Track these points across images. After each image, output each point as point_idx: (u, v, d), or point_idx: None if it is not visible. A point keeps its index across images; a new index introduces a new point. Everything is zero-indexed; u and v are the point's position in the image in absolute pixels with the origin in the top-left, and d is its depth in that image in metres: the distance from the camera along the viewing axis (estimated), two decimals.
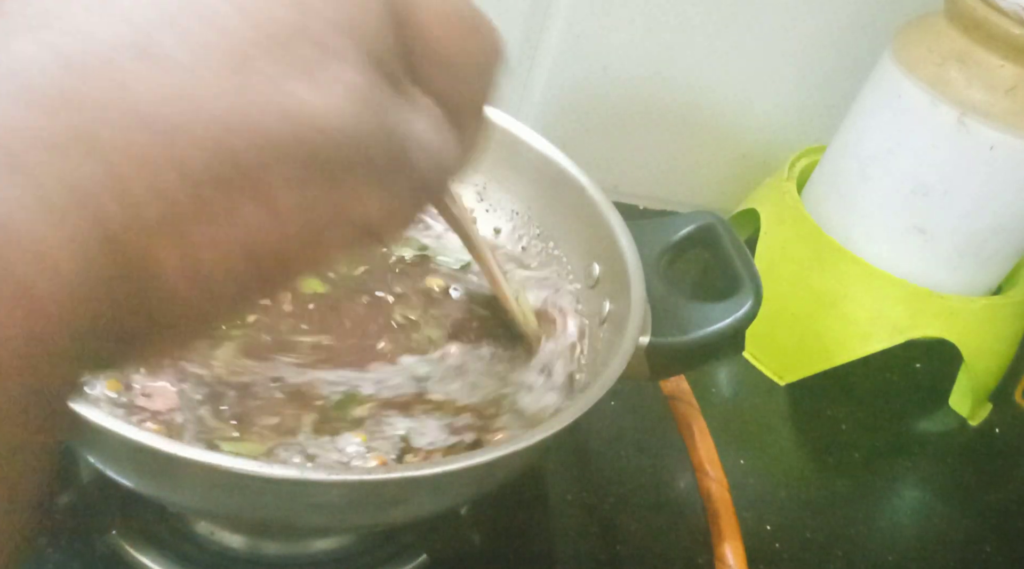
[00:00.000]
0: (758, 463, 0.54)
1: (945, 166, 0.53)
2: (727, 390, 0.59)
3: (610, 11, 0.61)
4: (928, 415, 0.61)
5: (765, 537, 0.49)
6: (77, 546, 0.39)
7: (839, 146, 0.59)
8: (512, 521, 0.45)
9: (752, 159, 0.69)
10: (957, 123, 0.51)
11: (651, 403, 0.53)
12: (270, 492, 0.29)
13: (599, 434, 0.52)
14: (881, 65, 0.56)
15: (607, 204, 0.43)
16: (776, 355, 0.60)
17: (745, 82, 0.65)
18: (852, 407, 0.59)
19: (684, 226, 0.43)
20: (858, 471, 0.55)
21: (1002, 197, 0.53)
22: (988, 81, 0.50)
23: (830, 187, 0.60)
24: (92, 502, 0.38)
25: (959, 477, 0.57)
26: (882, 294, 0.56)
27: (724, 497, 0.48)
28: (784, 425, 0.57)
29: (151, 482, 0.32)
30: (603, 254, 0.42)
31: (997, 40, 0.50)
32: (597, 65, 0.64)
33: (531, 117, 0.65)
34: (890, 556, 0.50)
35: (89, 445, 0.31)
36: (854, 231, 0.57)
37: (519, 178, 0.47)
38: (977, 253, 0.55)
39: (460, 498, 0.37)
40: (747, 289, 0.39)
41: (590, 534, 0.47)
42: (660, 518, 0.48)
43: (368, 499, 0.30)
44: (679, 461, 0.51)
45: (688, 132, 0.68)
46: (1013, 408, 0.63)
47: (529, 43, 0.62)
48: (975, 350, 0.57)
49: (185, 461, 0.27)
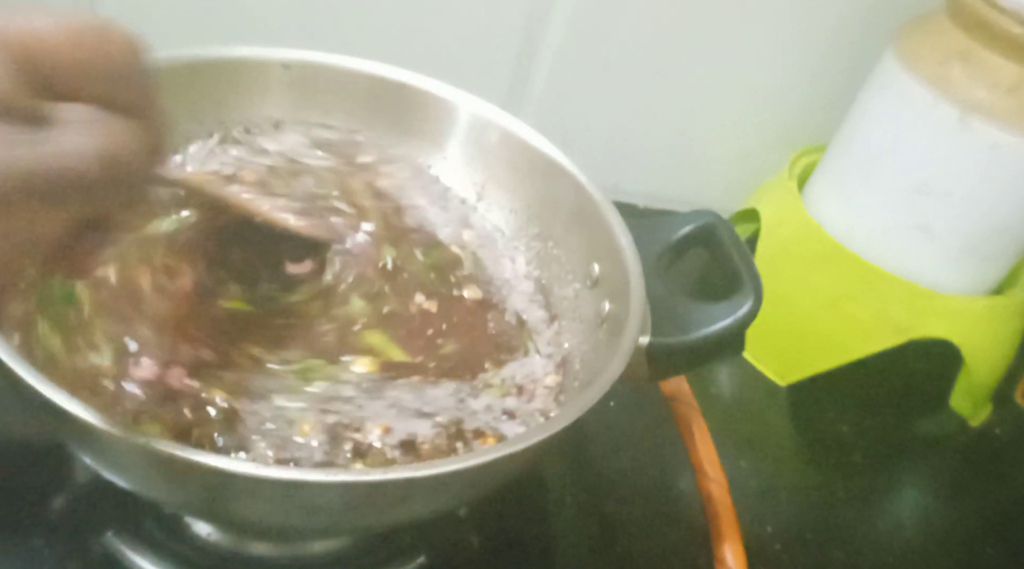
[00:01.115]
0: (758, 464, 0.53)
1: (947, 165, 0.53)
2: (727, 391, 0.59)
3: (610, 10, 0.61)
4: (929, 416, 0.61)
5: (765, 538, 0.49)
6: (73, 547, 0.39)
7: (840, 145, 0.59)
8: (512, 522, 0.45)
9: (753, 158, 0.69)
10: (959, 122, 0.51)
11: (651, 404, 0.53)
12: (267, 493, 0.29)
13: (599, 435, 0.52)
14: (883, 64, 0.56)
15: (607, 204, 0.43)
16: (777, 355, 0.60)
17: (745, 81, 0.65)
18: (853, 408, 0.59)
19: (684, 225, 0.43)
20: (858, 472, 0.55)
21: (1004, 196, 0.53)
22: (990, 80, 0.50)
23: (831, 186, 0.60)
24: (88, 503, 0.38)
25: (959, 478, 0.57)
26: (883, 294, 0.56)
27: (724, 498, 0.48)
28: (784, 426, 0.57)
29: (147, 483, 0.32)
30: (603, 254, 0.42)
31: (999, 39, 0.50)
32: (597, 64, 0.64)
33: (531, 117, 0.65)
34: (890, 557, 0.50)
35: (84, 446, 0.31)
36: (855, 230, 0.57)
37: (519, 178, 0.47)
38: (978, 252, 0.55)
39: (459, 499, 0.37)
40: (747, 289, 0.39)
41: (590, 535, 0.47)
42: (660, 519, 0.48)
43: (366, 500, 0.30)
44: (679, 462, 0.51)
45: (688, 132, 0.68)
46: (1014, 409, 0.62)
47: (529, 43, 0.62)
48: (976, 350, 0.57)
49: (183, 461, 0.27)
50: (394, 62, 0.47)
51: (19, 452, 0.42)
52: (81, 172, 0.20)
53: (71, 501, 0.38)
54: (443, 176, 0.48)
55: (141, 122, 0.22)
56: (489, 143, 0.47)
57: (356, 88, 0.46)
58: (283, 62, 0.45)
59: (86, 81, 0.21)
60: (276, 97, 0.46)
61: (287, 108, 0.46)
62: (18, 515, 0.39)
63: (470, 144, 0.47)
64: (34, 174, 0.19)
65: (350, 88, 0.46)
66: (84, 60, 0.21)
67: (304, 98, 0.46)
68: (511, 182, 0.47)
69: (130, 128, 0.22)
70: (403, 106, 0.47)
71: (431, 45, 0.62)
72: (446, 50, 0.62)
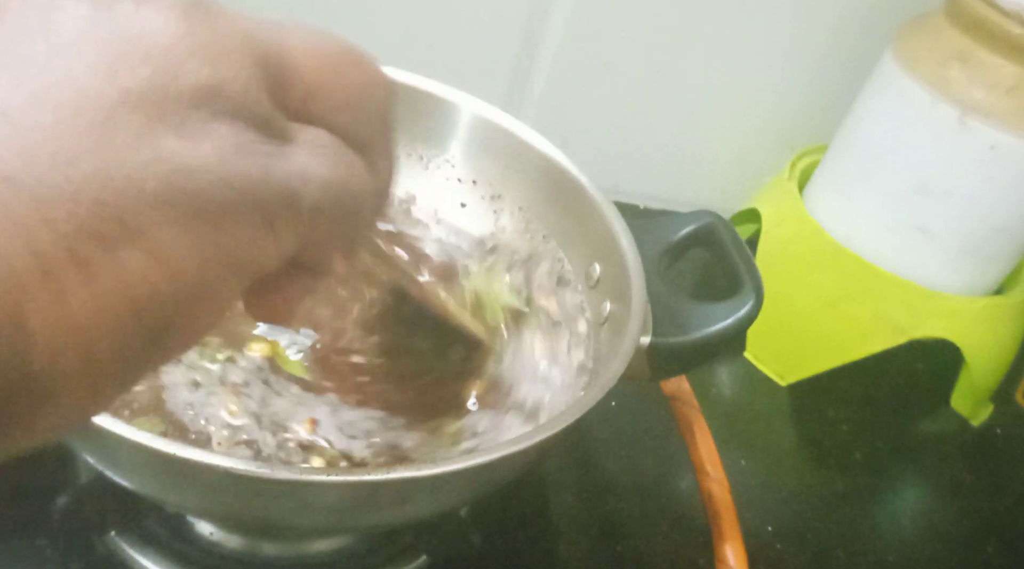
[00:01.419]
0: (759, 464, 0.53)
1: (946, 166, 0.53)
2: (728, 390, 0.59)
3: (610, 11, 0.61)
4: (929, 415, 0.61)
5: (766, 538, 0.49)
6: (76, 547, 0.39)
7: (840, 145, 0.59)
8: (512, 522, 0.45)
9: (753, 158, 0.69)
10: (958, 123, 0.51)
11: (652, 403, 0.53)
12: (269, 492, 0.29)
13: (600, 434, 0.52)
14: (882, 64, 0.56)
15: (607, 204, 0.43)
16: (777, 355, 0.60)
17: (745, 81, 0.65)
18: (853, 407, 0.59)
19: (685, 226, 0.43)
20: (859, 471, 0.55)
21: (1003, 197, 0.53)
22: (989, 80, 0.50)
23: (831, 187, 0.60)
24: (91, 503, 0.38)
25: (960, 477, 0.57)
26: (883, 294, 0.56)
27: (725, 498, 0.48)
28: (785, 425, 0.57)
29: (150, 482, 0.32)
30: (603, 254, 0.42)
31: (998, 39, 0.50)
32: (597, 64, 0.64)
33: (531, 117, 0.65)
34: (890, 556, 0.50)
35: (87, 445, 0.31)
36: (855, 231, 0.57)
37: (519, 178, 0.47)
38: (978, 253, 0.55)
39: (460, 499, 0.37)
40: (748, 289, 0.39)
41: (590, 535, 0.47)
42: (661, 519, 0.48)
43: (367, 500, 0.30)
44: (680, 462, 0.51)
45: (688, 132, 0.68)
46: (1014, 408, 0.62)
47: (529, 43, 0.62)
48: (976, 350, 0.57)
49: (184, 461, 0.27)
50: (394, 63, 0.47)
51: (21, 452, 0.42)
52: (306, 195, 0.18)
53: (74, 501, 0.38)
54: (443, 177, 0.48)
55: (372, 162, 0.21)
56: (489, 144, 0.47)
57: None
58: None
59: (331, 107, 0.20)
60: None
61: None
62: (21, 515, 0.39)
63: (471, 145, 0.47)
64: (260, 185, 0.17)
65: None
66: (336, 87, 0.20)
67: None
68: (512, 182, 0.47)
69: (362, 164, 0.20)
70: (403, 107, 0.47)
71: (431, 46, 0.62)
72: (446, 51, 0.62)
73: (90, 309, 0.15)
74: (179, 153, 0.16)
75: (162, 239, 0.16)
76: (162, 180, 0.15)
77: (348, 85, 0.20)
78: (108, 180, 0.15)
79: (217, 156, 0.16)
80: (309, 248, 0.19)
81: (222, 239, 0.17)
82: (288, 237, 0.18)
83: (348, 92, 0.20)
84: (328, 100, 0.20)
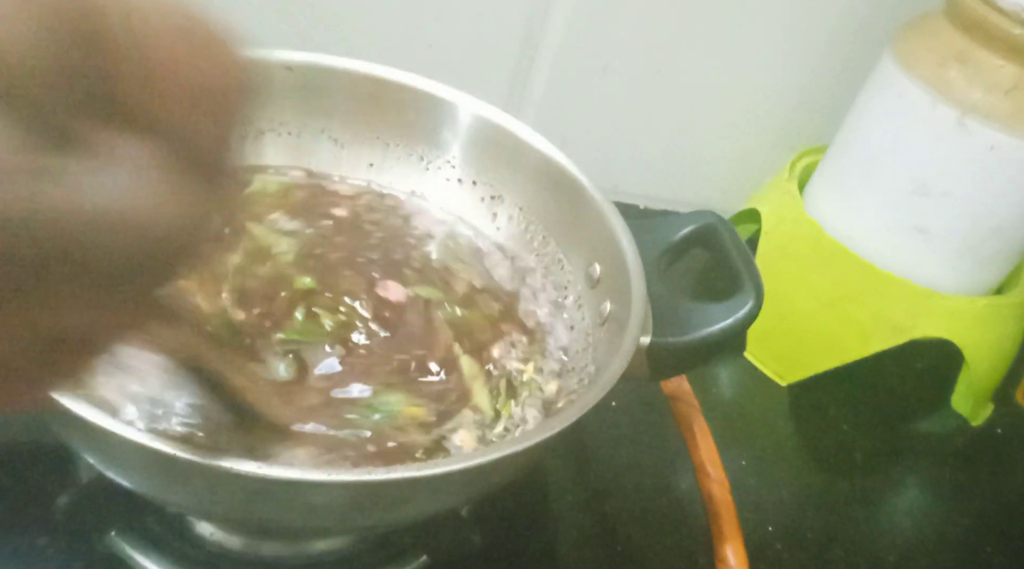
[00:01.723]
0: (759, 463, 0.54)
1: (945, 166, 0.53)
2: (728, 390, 0.59)
3: (610, 11, 0.61)
4: (929, 415, 0.61)
5: (766, 537, 0.49)
6: (77, 547, 0.39)
7: (840, 146, 0.59)
8: (512, 521, 0.45)
9: (753, 159, 0.69)
10: (957, 123, 0.51)
11: (652, 403, 0.53)
12: (269, 492, 0.29)
13: (600, 434, 0.52)
14: (881, 65, 0.56)
15: (607, 204, 0.43)
16: (777, 355, 0.60)
17: (745, 82, 0.65)
18: (853, 407, 0.59)
19: (685, 226, 0.43)
20: (859, 471, 0.55)
21: (1002, 197, 0.53)
22: (988, 81, 0.50)
23: (831, 187, 0.60)
24: (91, 503, 0.38)
25: (960, 477, 0.57)
26: (883, 294, 0.56)
27: (725, 497, 0.48)
28: (785, 425, 0.57)
29: (150, 482, 0.32)
30: (603, 254, 0.42)
31: (997, 40, 0.50)
32: (597, 65, 0.64)
33: (531, 117, 0.65)
34: (891, 556, 0.50)
35: (88, 446, 0.31)
36: (855, 231, 0.57)
37: (519, 178, 0.47)
38: (978, 253, 0.55)
39: (460, 499, 0.37)
40: (748, 289, 0.39)
41: (591, 535, 0.47)
42: (661, 519, 0.48)
43: (368, 500, 0.30)
44: (680, 461, 0.51)
45: (688, 132, 0.68)
46: (1014, 408, 0.63)
47: (529, 43, 0.62)
48: (976, 350, 0.57)
49: (185, 462, 0.27)
50: (395, 64, 0.47)
51: (22, 452, 0.42)
52: (98, 233, 0.13)
53: (74, 501, 0.38)
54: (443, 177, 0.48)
55: (203, 183, 0.15)
56: (489, 144, 0.47)
57: (358, 90, 0.47)
58: (286, 64, 0.45)
59: (158, 99, 0.14)
60: (279, 99, 0.46)
61: (290, 110, 0.46)
62: (22, 515, 0.39)
63: (471, 145, 0.48)
64: (40, 219, 0.12)
65: (352, 90, 0.47)
66: (170, 69, 0.14)
67: (306, 100, 0.46)
68: (512, 183, 0.47)
69: (187, 189, 0.15)
70: (404, 108, 0.47)
71: (432, 47, 0.62)
72: (447, 52, 0.62)
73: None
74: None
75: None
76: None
77: (197, 73, 0.15)
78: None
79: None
80: (73, 316, 0.14)
81: (6, 312, 0.12)
82: (86, 298, 0.13)
83: (194, 83, 0.15)
84: (164, 92, 0.14)
